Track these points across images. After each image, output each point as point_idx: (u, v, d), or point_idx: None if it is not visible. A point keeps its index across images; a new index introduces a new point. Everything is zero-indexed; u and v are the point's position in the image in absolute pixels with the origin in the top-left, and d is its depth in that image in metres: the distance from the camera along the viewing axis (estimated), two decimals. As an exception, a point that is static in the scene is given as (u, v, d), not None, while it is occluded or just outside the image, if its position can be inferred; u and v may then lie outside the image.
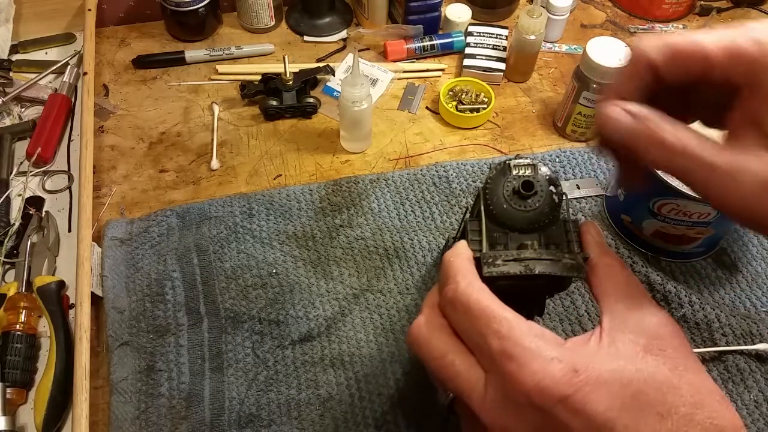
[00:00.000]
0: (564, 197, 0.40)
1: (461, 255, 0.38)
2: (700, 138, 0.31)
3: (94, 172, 0.67)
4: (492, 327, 0.33)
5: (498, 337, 0.33)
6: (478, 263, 0.38)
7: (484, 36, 0.82)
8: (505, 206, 0.40)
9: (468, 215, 0.51)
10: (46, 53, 0.83)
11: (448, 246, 0.61)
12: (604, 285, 0.36)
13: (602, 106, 0.34)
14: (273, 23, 0.85)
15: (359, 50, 0.83)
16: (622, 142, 0.33)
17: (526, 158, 0.41)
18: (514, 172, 0.40)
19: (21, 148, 0.72)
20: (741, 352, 0.58)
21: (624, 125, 0.33)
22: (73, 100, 0.77)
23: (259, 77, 0.76)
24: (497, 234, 0.40)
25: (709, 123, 0.37)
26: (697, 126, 0.36)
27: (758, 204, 0.30)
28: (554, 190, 0.40)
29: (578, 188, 0.70)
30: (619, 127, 0.33)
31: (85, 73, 0.73)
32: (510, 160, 0.41)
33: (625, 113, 0.33)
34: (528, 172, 0.40)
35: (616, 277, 0.36)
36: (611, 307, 0.35)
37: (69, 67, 0.78)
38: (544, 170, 0.41)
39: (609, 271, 0.37)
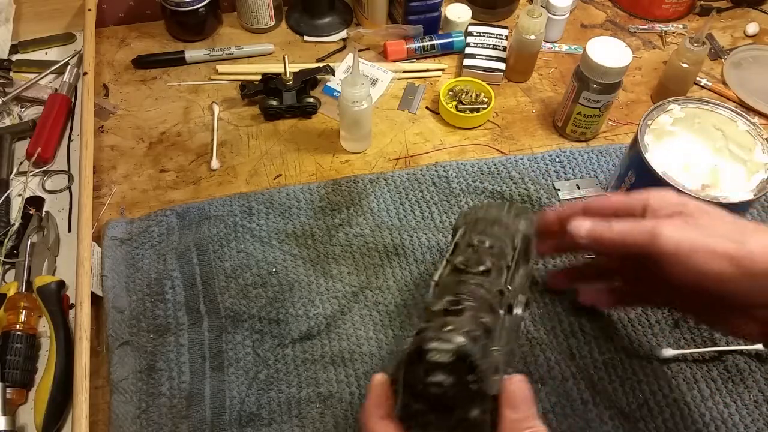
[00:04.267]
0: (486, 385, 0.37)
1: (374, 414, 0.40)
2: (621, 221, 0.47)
3: (94, 172, 0.67)
4: None
5: None
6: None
7: (484, 36, 0.82)
8: (420, 388, 0.38)
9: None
10: (46, 53, 0.83)
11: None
12: None
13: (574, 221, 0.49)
14: (273, 23, 0.86)
15: (359, 50, 0.83)
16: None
17: (448, 343, 0.37)
18: (429, 358, 0.37)
19: (21, 148, 0.72)
20: (741, 352, 0.58)
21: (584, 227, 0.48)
22: (73, 100, 0.77)
23: (259, 77, 0.76)
24: (417, 407, 0.39)
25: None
26: None
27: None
28: (470, 379, 0.36)
29: (578, 188, 0.70)
30: (581, 229, 0.48)
31: (85, 73, 0.73)
32: (427, 345, 0.37)
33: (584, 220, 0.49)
34: (441, 375, 0.36)
35: None
36: None
37: (69, 67, 0.78)
38: (462, 356, 0.36)
39: None
